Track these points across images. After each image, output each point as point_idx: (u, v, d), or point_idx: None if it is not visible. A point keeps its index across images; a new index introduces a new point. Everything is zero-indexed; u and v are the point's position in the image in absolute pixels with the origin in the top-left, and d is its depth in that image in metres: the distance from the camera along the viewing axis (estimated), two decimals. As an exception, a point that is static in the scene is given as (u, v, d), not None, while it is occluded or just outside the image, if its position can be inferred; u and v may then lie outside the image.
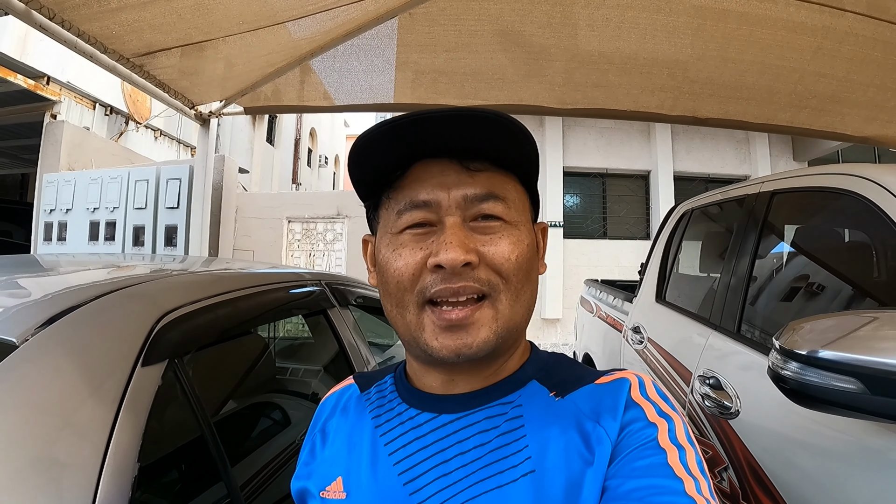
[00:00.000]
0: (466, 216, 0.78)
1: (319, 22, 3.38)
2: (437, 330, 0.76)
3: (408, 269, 0.78)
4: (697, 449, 0.74)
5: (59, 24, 2.71)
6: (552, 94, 4.26)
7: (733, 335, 2.25)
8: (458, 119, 0.75)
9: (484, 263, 0.77)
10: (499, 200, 0.80)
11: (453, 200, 0.78)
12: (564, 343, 10.04)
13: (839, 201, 2.00)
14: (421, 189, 0.79)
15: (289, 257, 9.78)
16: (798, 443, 1.68)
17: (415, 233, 0.79)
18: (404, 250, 0.79)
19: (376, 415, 0.88)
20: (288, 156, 18.62)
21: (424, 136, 0.77)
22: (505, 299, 0.78)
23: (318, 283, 2.27)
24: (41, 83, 8.57)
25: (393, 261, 0.79)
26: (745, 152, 10.82)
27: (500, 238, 0.78)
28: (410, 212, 0.79)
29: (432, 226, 0.79)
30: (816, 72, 3.56)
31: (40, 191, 8.67)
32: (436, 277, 0.76)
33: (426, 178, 0.79)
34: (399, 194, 0.81)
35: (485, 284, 0.76)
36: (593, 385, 0.81)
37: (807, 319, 1.33)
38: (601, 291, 4.78)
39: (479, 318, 0.76)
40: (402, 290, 0.79)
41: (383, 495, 0.77)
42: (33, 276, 1.65)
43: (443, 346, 0.76)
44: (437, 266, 0.75)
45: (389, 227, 0.82)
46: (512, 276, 0.78)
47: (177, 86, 3.98)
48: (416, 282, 0.77)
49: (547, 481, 0.71)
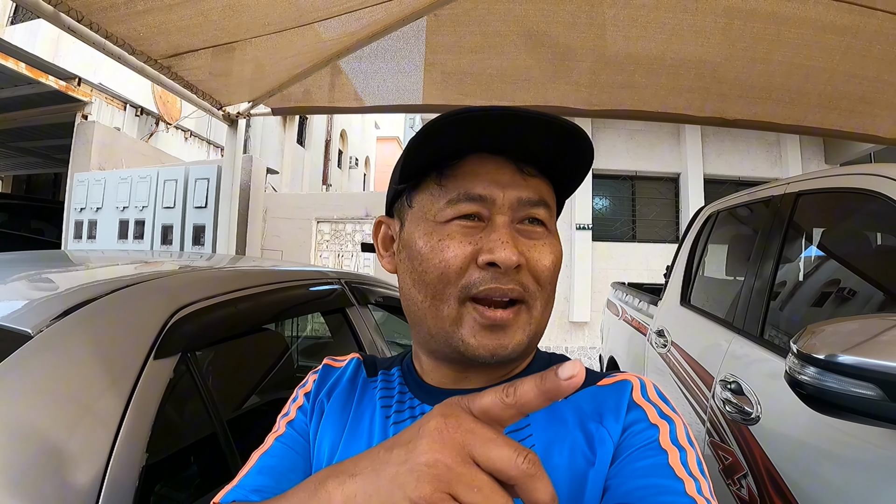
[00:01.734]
0: (514, 217, 0.79)
1: (345, 23, 3.39)
2: (478, 328, 0.76)
3: (455, 262, 0.76)
4: (698, 450, 0.73)
5: (88, 26, 2.74)
6: (579, 94, 4.23)
7: (756, 339, 2.22)
8: (539, 124, 0.75)
9: (526, 268, 0.77)
10: (546, 208, 0.81)
11: (507, 200, 0.78)
12: (592, 346, 10.00)
13: (865, 203, 1.96)
14: (477, 183, 0.78)
15: (317, 258, 9.82)
16: (819, 451, 1.65)
17: (464, 224, 0.78)
18: (452, 242, 0.77)
19: (385, 405, 0.88)
20: (318, 157, 18.71)
21: (493, 130, 0.76)
22: (539, 305, 0.79)
23: (337, 281, 2.28)
24: (72, 84, 8.68)
25: (439, 251, 0.77)
26: (777, 155, 10.69)
27: (543, 245, 0.80)
28: (463, 203, 0.78)
29: (480, 220, 0.78)
30: (846, 72, 3.49)
31: (71, 190, 8.79)
32: (486, 275, 0.75)
33: (482, 173, 0.79)
34: (451, 183, 0.80)
35: (525, 290, 0.77)
36: (596, 387, 0.81)
37: (825, 323, 1.30)
38: (627, 294, 4.75)
39: (517, 321, 0.77)
40: (445, 283, 0.77)
41: None
42: (56, 270, 1.69)
43: (480, 345, 0.76)
44: (489, 263, 0.74)
45: (433, 215, 0.80)
46: (548, 284, 0.80)
47: (205, 87, 4.01)
48: (461, 276, 0.76)
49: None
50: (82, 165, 8.95)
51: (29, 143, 10.73)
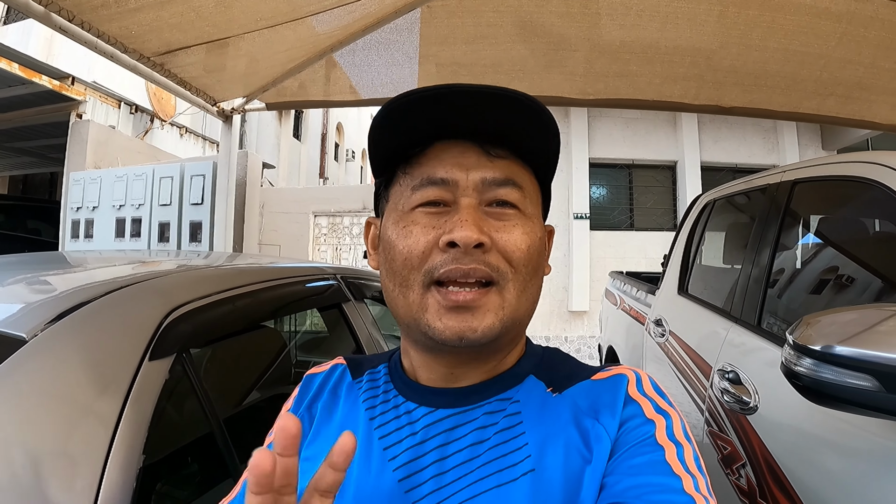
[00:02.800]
0: (482, 200, 0.77)
1: (338, 17, 3.38)
2: (442, 311, 0.74)
3: (417, 247, 0.75)
4: (695, 445, 0.73)
5: (79, 25, 2.74)
6: (573, 84, 4.23)
7: (753, 328, 2.22)
8: (486, 97, 0.74)
9: (495, 249, 0.75)
10: (516, 188, 0.79)
11: (471, 182, 0.77)
12: (591, 335, 9.99)
13: (861, 190, 1.95)
14: (439, 167, 0.78)
15: (315, 251, 9.81)
16: (817, 440, 1.65)
17: (428, 211, 0.77)
18: (415, 227, 0.77)
19: (370, 405, 0.86)
20: (315, 150, 18.67)
21: (450, 111, 0.76)
22: (512, 288, 0.76)
23: (333, 277, 2.27)
24: (66, 83, 8.67)
25: (403, 237, 0.77)
26: (773, 141, 10.67)
27: (513, 226, 0.77)
28: (426, 188, 0.78)
29: (446, 206, 0.77)
30: (842, 58, 3.48)
31: (67, 189, 8.78)
32: (446, 257, 0.74)
33: (445, 158, 0.78)
34: (416, 170, 0.79)
35: (494, 270, 0.74)
36: (590, 381, 0.80)
37: (821, 313, 1.29)
38: (625, 284, 4.75)
39: (486, 303, 0.74)
40: (409, 269, 0.76)
41: (377, 491, 0.76)
42: (52, 273, 1.69)
43: (446, 328, 0.74)
44: (449, 244, 0.73)
45: (401, 205, 0.80)
46: (521, 266, 0.77)
47: (198, 83, 4.01)
48: (424, 261, 0.75)
49: (546, 480, 0.70)
50: (78, 164, 8.94)
51: (24, 143, 10.72)
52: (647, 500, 0.64)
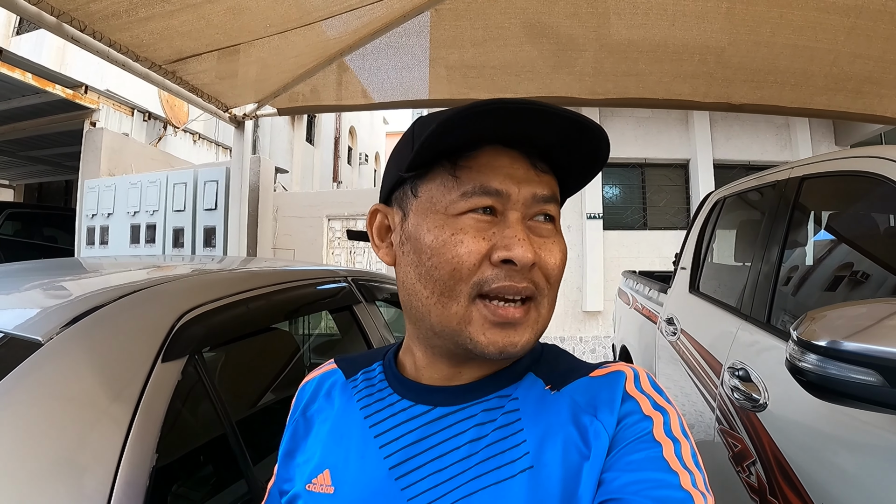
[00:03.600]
0: (526, 214, 0.77)
1: (346, 22, 3.40)
2: (487, 325, 0.74)
3: (470, 258, 0.73)
4: (692, 442, 0.73)
5: (91, 35, 2.77)
6: (582, 84, 4.23)
7: (763, 326, 2.21)
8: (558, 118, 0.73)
9: (538, 266, 0.76)
10: (556, 204, 0.80)
11: (522, 196, 0.76)
12: (606, 335, 9.96)
13: (870, 186, 1.94)
14: (493, 177, 0.75)
15: (329, 255, 9.81)
16: (826, 437, 1.64)
17: (478, 219, 0.75)
18: (465, 237, 0.74)
19: (365, 404, 0.86)
20: (328, 154, 18.71)
21: (509, 124, 0.74)
22: (546, 303, 0.78)
23: (343, 279, 2.29)
24: (79, 92, 8.75)
25: (451, 245, 0.74)
26: (786, 138, 10.59)
27: (553, 244, 0.78)
28: (479, 197, 0.75)
29: (493, 215, 0.76)
30: (851, 53, 3.46)
31: (82, 196, 8.86)
32: (499, 272, 0.73)
33: (498, 167, 0.76)
34: (466, 175, 0.76)
35: (537, 287, 0.76)
36: (588, 378, 0.81)
37: (825, 309, 1.29)
38: (637, 283, 4.75)
39: (527, 319, 0.76)
40: (457, 279, 0.74)
41: (374, 490, 0.76)
42: (65, 278, 1.71)
43: (490, 342, 0.74)
44: (504, 261, 0.73)
45: (443, 207, 0.77)
46: (555, 282, 0.79)
47: (210, 90, 4.03)
48: (474, 272, 0.74)
49: (544, 477, 0.70)
50: (92, 172, 9.01)
51: (39, 151, 10.83)
52: (644, 496, 0.65)
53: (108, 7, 2.63)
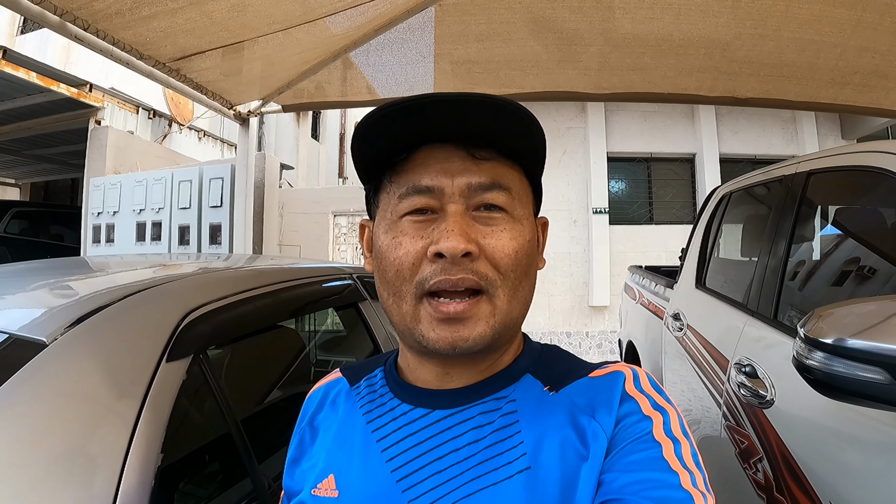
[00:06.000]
0: (469, 205, 0.77)
1: (350, 18, 3.40)
2: (434, 322, 0.75)
3: (408, 259, 0.76)
4: (693, 441, 0.73)
5: (94, 34, 2.77)
6: (588, 79, 4.22)
7: (769, 321, 2.20)
8: (467, 105, 0.74)
9: (483, 256, 0.75)
10: (503, 191, 0.78)
11: (457, 188, 0.76)
12: (612, 330, 9.95)
13: (876, 180, 1.93)
14: (424, 174, 0.77)
15: (335, 251, 9.84)
16: (833, 434, 1.63)
17: (415, 220, 0.77)
18: (404, 238, 0.77)
19: (367, 410, 0.87)
20: (333, 150, 18.71)
21: (432, 119, 0.75)
22: (503, 295, 0.76)
23: (349, 276, 2.29)
24: (84, 90, 8.76)
25: (393, 249, 0.77)
26: (793, 132, 10.56)
27: (501, 231, 0.77)
28: (412, 197, 0.77)
29: (433, 213, 0.77)
30: (858, 46, 3.45)
31: (88, 195, 8.87)
32: (435, 268, 0.74)
33: (430, 164, 0.78)
34: (401, 178, 0.79)
35: (482, 278, 0.75)
36: (587, 378, 0.81)
37: (833, 306, 1.28)
38: (644, 278, 4.73)
39: (477, 313, 0.75)
40: (401, 280, 0.77)
41: (376, 494, 0.76)
42: (70, 278, 1.71)
43: (439, 339, 0.75)
44: (436, 255, 0.73)
45: (389, 212, 0.80)
46: (510, 272, 0.77)
47: (214, 87, 4.04)
48: (415, 272, 0.76)
49: (542, 478, 0.70)
50: (98, 170, 9.03)
51: (44, 150, 10.86)
52: (645, 497, 0.65)
53: (112, 5, 2.64)
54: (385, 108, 0.75)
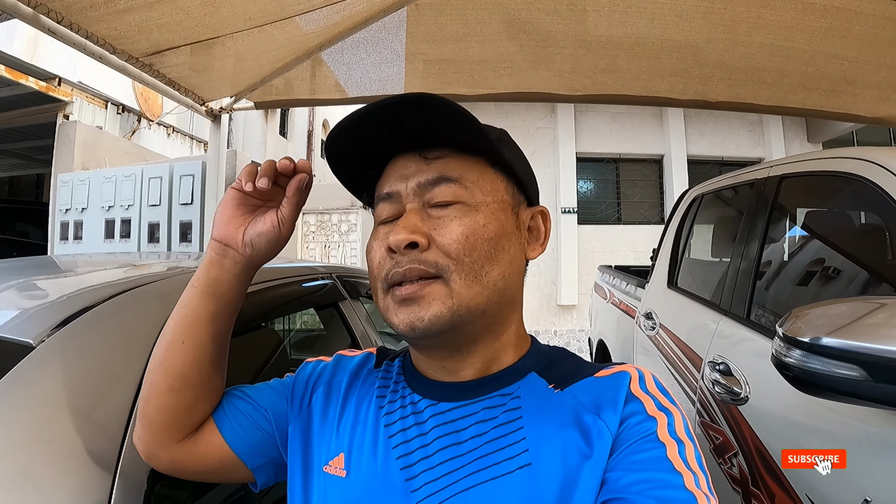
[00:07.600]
0: (425, 202, 0.82)
1: (326, 16, 3.38)
2: (396, 307, 0.80)
3: (376, 259, 0.84)
4: (696, 443, 0.74)
5: (68, 27, 2.72)
6: (561, 80, 4.24)
7: (742, 320, 2.25)
8: (398, 108, 0.78)
9: (434, 246, 0.79)
10: (451, 183, 0.82)
11: (410, 189, 0.83)
12: (580, 329, 10.04)
13: (847, 186, 1.98)
14: (386, 183, 0.87)
15: (304, 249, 9.79)
16: (807, 428, 1.68)
17: (386, 225, 0.85)
18: (375, 242, 0.86)
19: (381, 394, 0.90)
20: (301, 148, 18.59)
21: (367, 134, 0.83)
22: (458, 279, 0.78)
23: (329, 276, 2.29)
24: (52, 84, 8.61)
25: (369, 253, 0.86)
26: (759, 134, 10.73)
27: (451, 220, 0.80)
28: (380, 204, 0.87)
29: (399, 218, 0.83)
30: (827, 53, 3.51)
31: (55, 191, 8.70)
32: (392, 262, 0.80)
33: (391, 172, 0.87)
34: (376, 189, 0.90)
35: (432, 266, 0.78)
36: (593, 378, 0.82)
37: (810, 306, 1.33)
38: (614, 277, 4.78)
39: (430, 293, 0.78)
40: (375, 279, 0.85)
41: (380, 481, 0.79)
42: (50, 277, 1.69)
43: (400, 321, 0.79)
44: (388, 250, 0.80)
45: (375, 221, 0.89)
46: (464, 256, 0.79)
47: (187, 83, 3.99)
48: (382, 269, 0.82)
49: (542, 474, 0.72)
50: (66, 166, 8.86)
51: (10, 145, 10.63)
52: (649, 496, 0.66)
53: (86, -3, 2.60)
54: (333, 139, 0.84)
